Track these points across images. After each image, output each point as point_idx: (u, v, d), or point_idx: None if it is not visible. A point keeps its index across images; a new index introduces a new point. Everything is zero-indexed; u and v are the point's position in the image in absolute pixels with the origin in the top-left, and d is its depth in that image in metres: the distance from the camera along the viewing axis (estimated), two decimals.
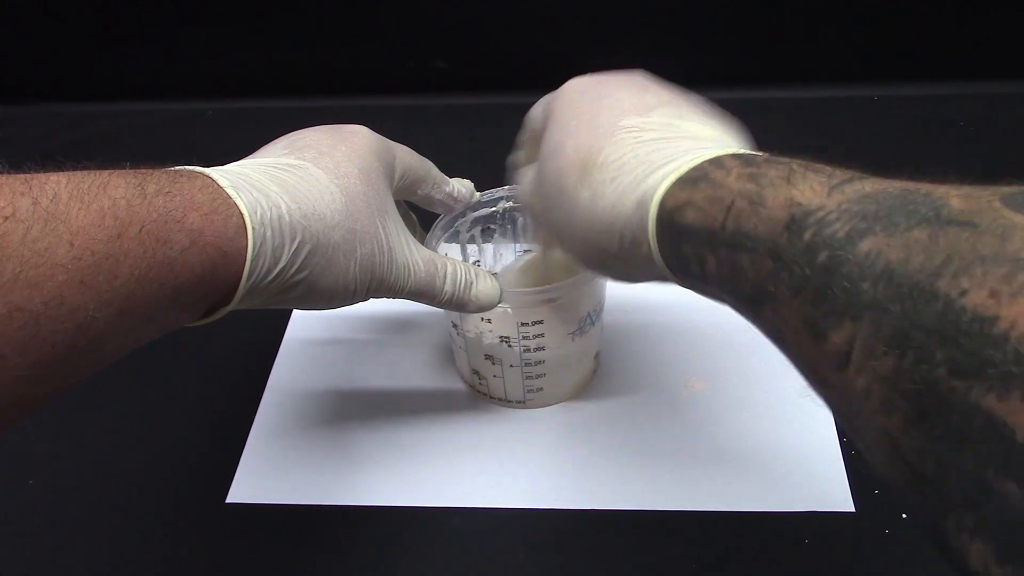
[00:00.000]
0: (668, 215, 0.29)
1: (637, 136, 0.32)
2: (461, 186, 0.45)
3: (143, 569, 0.43)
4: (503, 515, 0.44)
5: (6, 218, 0.23)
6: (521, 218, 0.49)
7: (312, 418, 0.49)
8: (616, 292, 0.52)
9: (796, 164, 0.26)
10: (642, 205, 0.30)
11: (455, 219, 0.47)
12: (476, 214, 0.48)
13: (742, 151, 0.29)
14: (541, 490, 0.45)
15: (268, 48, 0.77)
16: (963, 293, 0.18)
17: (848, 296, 0.21)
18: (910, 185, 0.22)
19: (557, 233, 0.35)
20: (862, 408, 0.21)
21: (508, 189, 0.48)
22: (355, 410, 0.50)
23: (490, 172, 0.48)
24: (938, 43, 0.72)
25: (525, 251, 0.52)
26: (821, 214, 0.23)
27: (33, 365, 0.24)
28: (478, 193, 0.47)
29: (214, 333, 0.40)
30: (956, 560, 0.19)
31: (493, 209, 0.48)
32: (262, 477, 0.46)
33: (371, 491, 0.45)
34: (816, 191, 0.24)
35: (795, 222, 0.23)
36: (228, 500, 0.45)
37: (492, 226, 0.50)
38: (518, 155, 0.43)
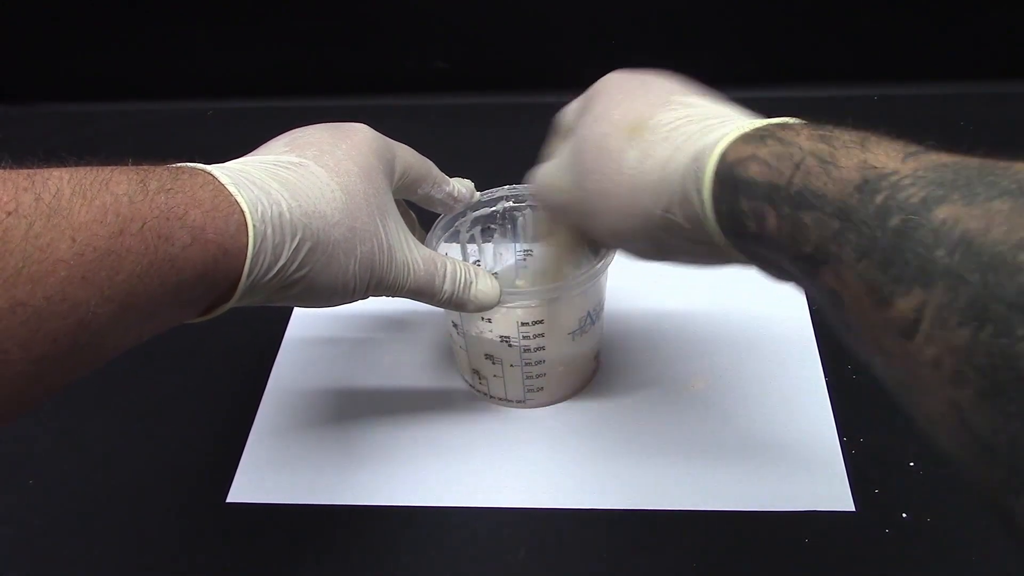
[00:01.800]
0: (729, 168, 0.28)
1: (690, 106, 0.32)
2: (461, 186, 0.45)
3: (143, 569, 0.43)
4: (503, 515, 0.44)
5: (9, 213, 0.23)
6: (521, 217, 0.49)
7: (312, 418, 0.49)
8: (616, 292, 0.52)
9: (870, 133, 0.26)
10: (699, 158, 0.29)
11: (455, 219, 0.47)
12: (476, 214, 0.48)
13: (806, 122, 0.28)
14: (541, 490, 0.45)
15: (268, 48, 0.78)
16: None
17: (921, 262, 0.20)
18: (988, 160, 0.22)
19: (589, 207, 0.34)
20: (927, 379, 0.20)
21: (509, 189, 0.48)
22: (355, 410, 0.50)
23: (490, 172, 0.48)
24: (938, 43, 0.72)
25: (525, 251, 0.51)
26: (896, 178, 0.22)
27: (35, 360, 0.24)
28: (478, 193, 0.47)
29: (214, 333, 0.40)
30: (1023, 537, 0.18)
31: (493, 209, 0.49)
32: (262, 477, 0.46)
33: (371, 491, 0.45)
34: (891, 156, 0.24)
35: (868, 184, 0.23)
36: (228, 500, 0.45)
37: (492, 226, 0.50)
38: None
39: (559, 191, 0.37)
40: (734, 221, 0.28)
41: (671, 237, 0.31)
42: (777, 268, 0.28)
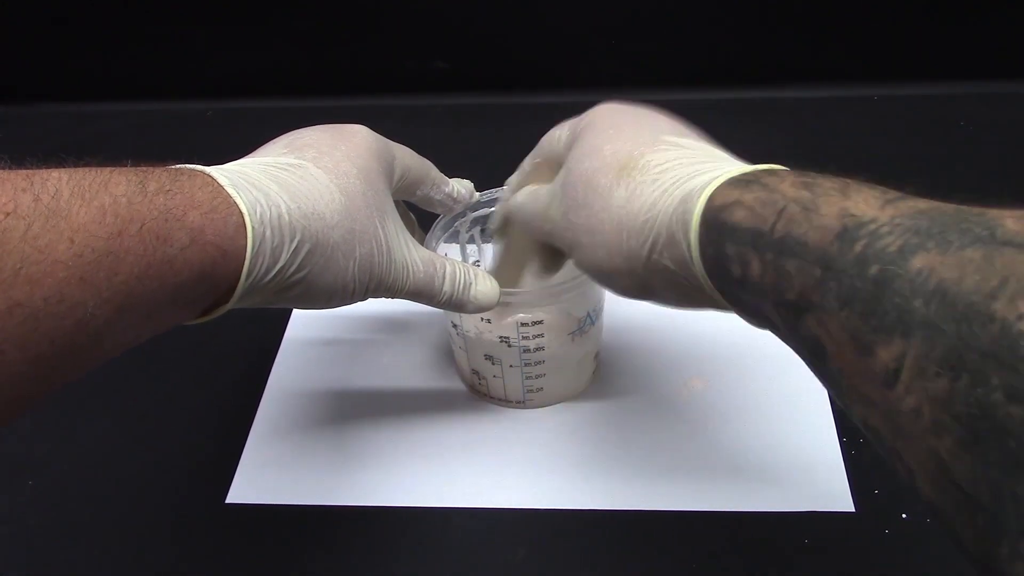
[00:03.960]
0: (715, 212, 0.28)
1: (679, 147, 0.32)
2: (461, 186, 0.45)
3: (143, 569, 0.43)
4: (503, 515, 0.44)
5: (7, 214, 0.23)
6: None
7: (312, 418, 0.49)
8: None
9: (850, 180, 0.26)
10: (687, 201, 0.29)
11: (455, 219, 0.47)
12: (476, 214, 0.48)
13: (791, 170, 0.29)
14: (541, 490, 0.45)
15: (268, 48, 0.78)
16: (1020, 317, 0.18)
17: (899, 312, 0.21)
18: (963, 207, 0.22)
19: (575, 241, 0.34)
20: (908, 429, 0.20)
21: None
22: (355, 410, 0.50)
23: (490, 172, 0.48)
24: (938, 43, 0.72)
25: None
26: (874, 226, 0.23)
27: (32, 361, 0.24)
28: (478, 193, 0.47)
29: (214, 333, 0.40)
30: None
31: (493, 209, 0.48)
32: (262, 477, 0.46)
33: (371, 491, 0.45)
34: (870, 204, 0.24)
35: (847, 232, 0.23)
36: (228, 500, 0.45)
37: (499, 235, 0.49)
38: (515, 177, 0.42)
39: (547, 219, 0.37)
40: (719, 266, 0.28)
41: (655, 278, 0.32)
42: (760, 316, 0.28)
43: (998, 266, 0.19)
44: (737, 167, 0.30)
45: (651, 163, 0.32)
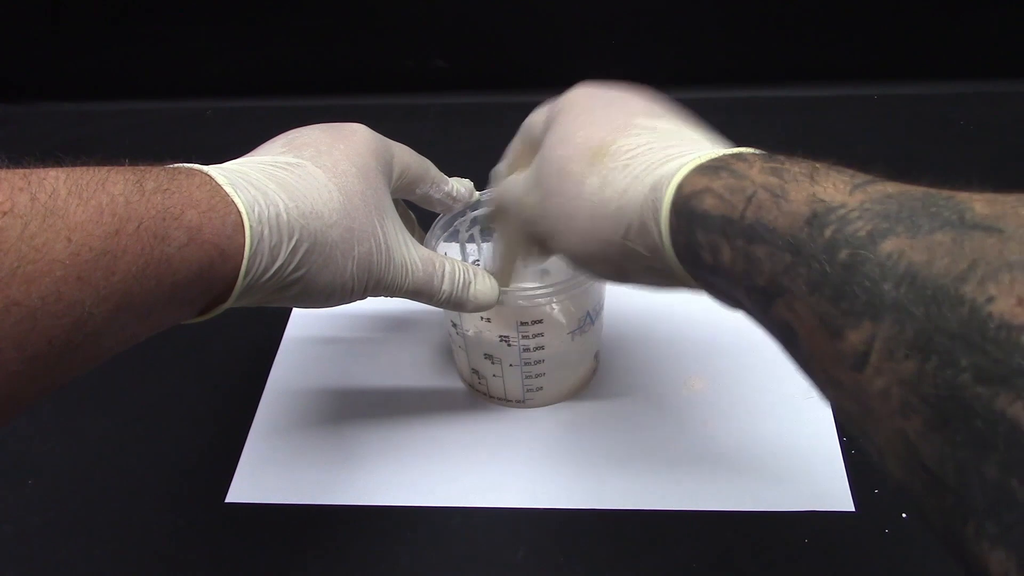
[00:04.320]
0: (684, 200, 0.28)
1: (651, 131, 0.32)
2: (460, 185, 0.45)
3: (143, 569, 0.43)
4: (503, 515, 0.44)
5: (4, 213, 0.23)
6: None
7: (312, 418, 0.49)
8: (616, 292, 0.52)
9: (819, 164, 0.26)
10: (656, 189, 0.29)
11: (454, 218, 0.47)
12: (475, 213, 0.48)
13: (760, 152, 0.29)
14: (541, 490, 0.44)
15: (268, 48, 0.78)
16: (990, 299, 0.18)
17: (868, 296, 0.21)
18: (932, 190, 0.22)
19: (550, 229, 0.34)
20: (878, 410, 0.21)
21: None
22: (355, 410, 0.50)
23: (490, 171, 0.47)
24: (938, 43, 0.72)
25: None
26: (843, 211, 0.23)
27: (29, 360, 0.24)
28: (477, 192, 0.47)
29: (214, 333, 0.40)
30: (974, 567, 0.18)
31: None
32: (261, 477, 0.46)
33: (371, 491, 0.45)
34: (839, 189, 0.24)
35: (817, 217, 0.23)
36: (227, 500, 0.45)
37: (491, 226, 0.49)
38: (503, 165, 0.42)
39: (524, 206, 0.37)
40: (691, 252, 0.28)
41: (630, 263, 0.32)
42: (732, 300, 0.28)
43: (967, 249, 0.19)
44: (707, 152, 0.29)
45: (622, 148, 0.32)
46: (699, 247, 0.28)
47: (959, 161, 0.66)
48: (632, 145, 0.32)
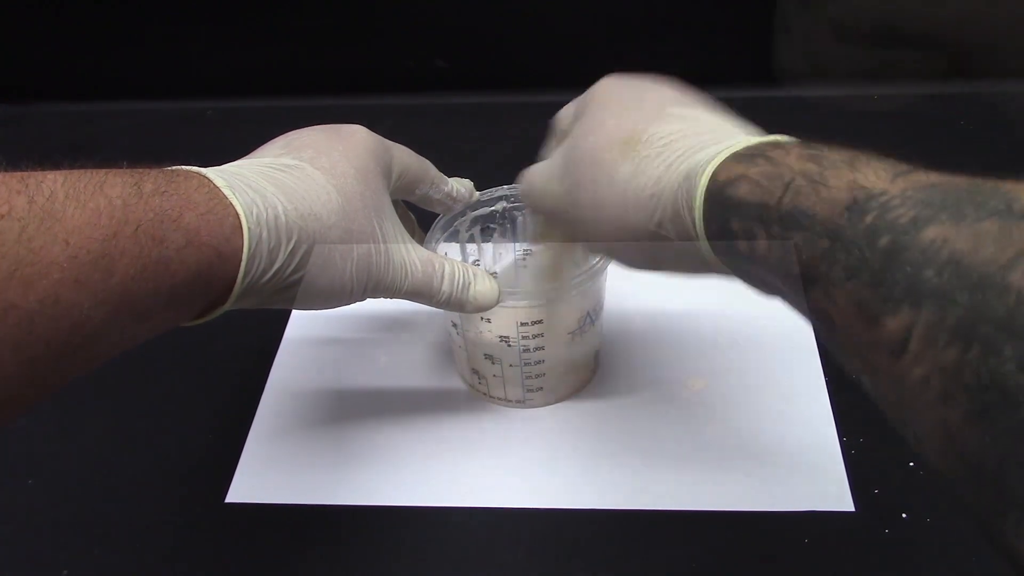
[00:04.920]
0: (719, 187, 0.28)
1: (684, 119, 0.32)
2: (460, 186, 0.45)
3: (143, 569, 0.43)
4: (503, 515, 0.44)
5: (2, 216, 0.23)
6: (521, 216, 0.49)
7: (312, 418, 0.49)
8: (616, 292, 0.52)
9: (859, 152, 0.26)
10: (691, 176, 0.29)
11: (454, 219, 0.47)
12: (475, 213, 0.48)
13: (797, 140, 0.29)
14: (541, 490, 0.44)
15: (268, 48, 0.77)
16: None
17: (909, 282, 0.20)
18: (977, 179, 0.22)
19: (580, 217, 0.34)
20: (916, 397, 0.20)
21: (508, 188, 0.48)
22: (355, 410, 0.50)
23: (490, 172, 0.48)
24: (938, 43, 0.72)
25: (525, 251, 0.51)
26: (884, 198, 0.23)
27: (27, 363, 0.24)
28: (477, 193, 0.47)
29: (214, 333, 0.40)
30: (1013, 557, 0.18)
31: (492, 208, 0.48)
32: (261, 477, 0.46)
33: (371, 491, 0.45)
34: (880, 177, 0.24)
35: (857, 204, 0.23)
36: (228, 500, 0.45)
37: (492, 226, 0.49)
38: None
39: (551, 197, 0.36)
40: (725, 240, 0.28)
41: (661, 250, 0.32)
42: (767, 285, 0.28)
43: (1015, 238, 0.19)
44: (742, 139, 0.29)
45: (655, 136, 0.32)
46: (734, 235, 0.27)
47: (959, 161, 0.66)
48: (665, 133, 0.32)
